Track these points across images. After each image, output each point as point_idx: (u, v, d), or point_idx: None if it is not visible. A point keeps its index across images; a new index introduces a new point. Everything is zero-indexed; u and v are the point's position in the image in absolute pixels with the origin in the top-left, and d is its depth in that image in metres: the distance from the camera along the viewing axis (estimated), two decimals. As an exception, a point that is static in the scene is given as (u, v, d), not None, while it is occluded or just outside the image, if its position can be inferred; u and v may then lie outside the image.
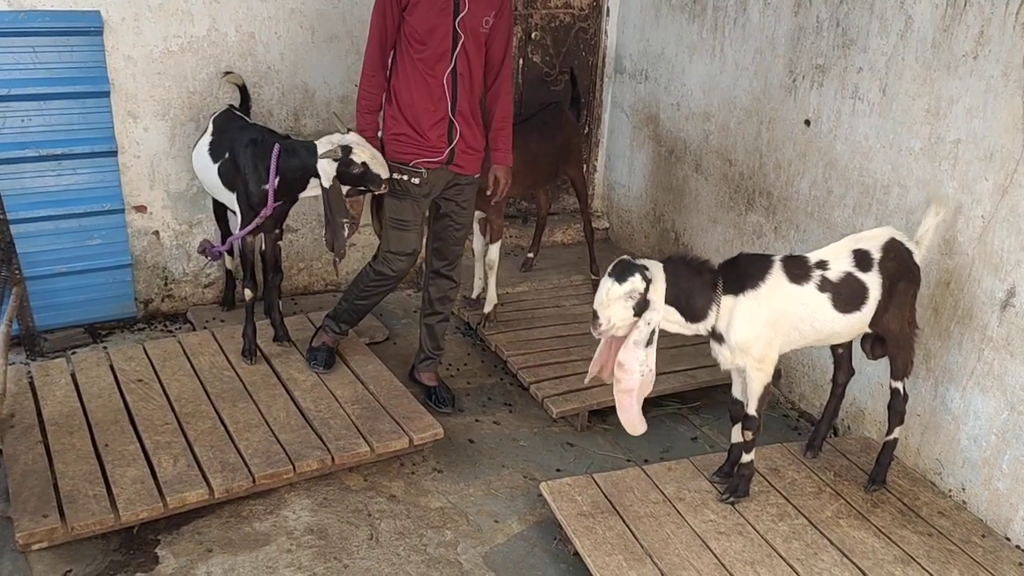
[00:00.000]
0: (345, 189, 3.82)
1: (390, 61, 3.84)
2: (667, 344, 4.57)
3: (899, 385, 3.50)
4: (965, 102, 3.45)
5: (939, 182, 3.59)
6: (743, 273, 3.25)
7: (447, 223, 4.08)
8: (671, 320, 3.22)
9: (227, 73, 4.57)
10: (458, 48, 3.70)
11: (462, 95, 3.79)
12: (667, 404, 4.42)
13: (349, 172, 3.75)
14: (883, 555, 3.26)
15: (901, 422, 3.56)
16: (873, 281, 3.28)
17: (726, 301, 3.21)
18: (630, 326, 3.14)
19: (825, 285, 3.26)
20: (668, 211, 5.39)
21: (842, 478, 3.70)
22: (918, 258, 3.38)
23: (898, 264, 3.31)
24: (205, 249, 4.28)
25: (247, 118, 4.39)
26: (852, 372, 3.74)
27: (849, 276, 3.27)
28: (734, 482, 3.52)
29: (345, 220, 3.81)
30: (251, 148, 3.96)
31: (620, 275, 3.07)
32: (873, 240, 3.33)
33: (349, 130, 3.81)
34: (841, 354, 3.68)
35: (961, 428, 3.60)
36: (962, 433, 3.60)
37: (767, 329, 3.24)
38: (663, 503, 3.48)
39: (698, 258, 3.28)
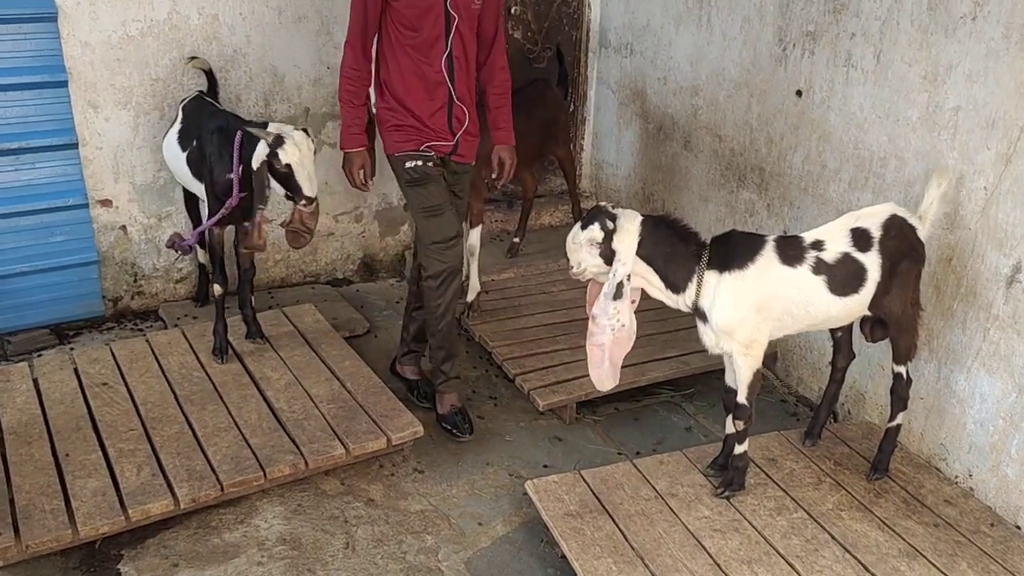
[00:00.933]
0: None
1: (374, 51, 3.60)
2: (659, 329, 4.43)
3: (902, 369, 3.31)
4: (964, 67, 3.25)
5: (939, 153, 3.39)
6: (732, 251, 3.07)
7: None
8: (651, 282, 3.09)
9: (192, 58, 4.36)
10: (452, 31, 3.48)
11: (460, 79, 3.57)
12: (660, 392, 4.25)
13: (274, 167, 3.51)
14: (887, 549, 3.09)
15: (904, 407, 3.38)
16: (872, 262, 3.09)
17: (709, 277, 3.04)
18: (607, 274, 3.03)
19: (820, 267, 3.07)
20: (658, 190, 5.19)
21: (843, 467, 3.52)
22: (922, 234, 3.17)
23: (900, 242, 3.11)
24: (174, 243, 4.08)
25: (217, 104, 4.20)
26: (852, 355, 3.56)
27: (846, 257, 3.08)
28: (728, 475, 3.35)
29: (260, 207, 3.58)
30: (217, 135, 3.76)
31: (586, 221, 3.03)
32: (873, 218, 3.13)
33: (305, 130, 3.60)
34: (840, 337, 3.49)
35: (967, 411, 3.42)
36: (968, 417, 3.42)
37: (754, 313, 3.05)
38: (655, 500, 3.30)
39: (686, 226, 3.11)
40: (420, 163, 3.61)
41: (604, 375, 3.15)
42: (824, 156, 3.92)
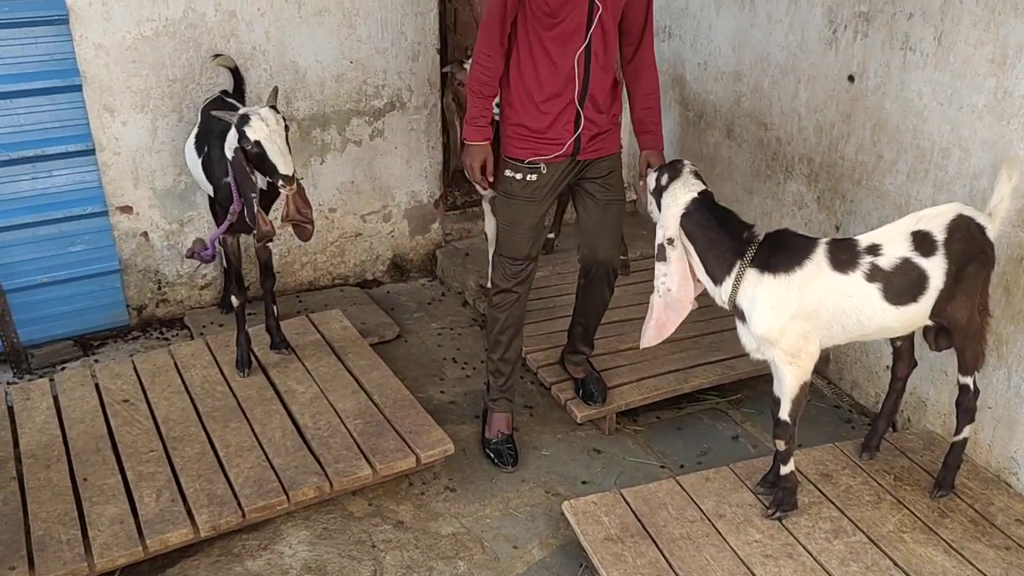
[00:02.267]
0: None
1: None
2: (704, 331, 4.20)
3: (968, 380, 3.05)
4: (1038, 49, 2.97)
5: (1007, 143, 3.11)
6: (779, 251, 2.84)
7: (597, 204, 3.47)
8: (694, 262, 2.96)
9: (216, 56, 4.19)
10: (595, 22, 3.13)
11: (595, 77, 3.23)
12: (705, 398, 4.02)
13: (245, 148, 3.27)
14: (955, 576, 2.86)
15: (971, 420, 3.11)
16: (936, 268, 2.82)
17: (750, 275, 2.83)
18: None
19: (875, 274, 2.80)
20: (699, 181, 4.93)
21: (903, 482, 3.28)
22: (991, 234, 2.88)
23: (967, 245, 2.83)
24: (194, 252, 3.94)
25: (239, 105, 4.02)
26: (914, 364, 3.30)
27: (906, 263, 2.81)
28: (778, 495, 3.13)
29: (253, 195, 3.34)
30: (218, 140, 3.58)
31: (660, 168, 3.08)
32: (937, 218, 2.85)
33: (273, 107, 3.38)
34: (901, 345, 3.24)
35: (1040, 423, 3.17)
36: (1041, 428, 3.16)
37: (799, 321, 2.82)
38: (701, 521, 3.09)
39: (736, 216, 2.93)
40: (519, 177, 3.34)
41: (647, 333, 3.10)
42: (880, 146, 3.64)
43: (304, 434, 3.46)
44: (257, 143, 3.25)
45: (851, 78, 3.73)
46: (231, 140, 3.34)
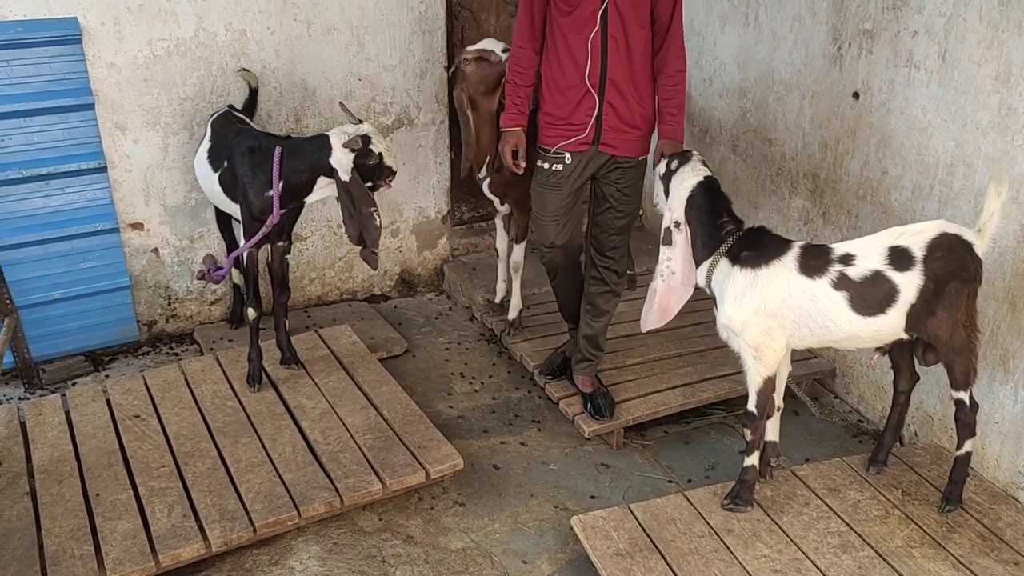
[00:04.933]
0: None
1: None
2: (710, 345, 4.22)
3: (963, 395, 3.06)
4: (1041, 66, 2.99)
5: (1012, 159, 3.14)
6: (752, 247, 3.00)
7: (605, 208, 3.62)
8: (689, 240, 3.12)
9: (243, 70, 4.27)
10: (605, 5, 3.25)
11: (614, 62, 3.34)
12: (712, 413, 4.04)
13: (366, 164, 3.55)
14: (964, 591, 2.87)
15: (972, 434, 3.13)
16: (909, 283, 2.85)
17: (722, 264, 3.02)
18: None
19: (842, 283, 2.88)
20: (705, 196, 4.95)
21: (912, 497, 3.29)
22: (979, 250, 2.90)
23: (948, 263, 2.85)
24: (204, 274, 3.98)
25: (247, 120, 4.07)
26: (916, 377, 3.32)
27: (876, 276, 2.87)
28: (735, 487, 3.21)
29: (373, 209, 3.55)
30: (248, 155, 3.65)
31: (670, 157, 3.22)
32: (918, 236, 2.88)
33: (360, 121, 3.61)
34: (898, 359, 3.27)
35: (1047, 437, 3.18)
36: (1049, 443, 3.17)
37: (763, 317, 2.95)
38: (709, 536, 3.11)
39: (728, 205, 3.11)
40: (546, 166, 3.55)
41: (649, 317, 3.22)
42: (884, 162, 3.67)
43: (314, 449, 3.48)
44: (380, 155, 3.57)
45: (856, 95, 3.76)
46: (345, 163, 3.50)
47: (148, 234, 4.36)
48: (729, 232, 3.03)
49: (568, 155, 3.48)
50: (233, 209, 3.89)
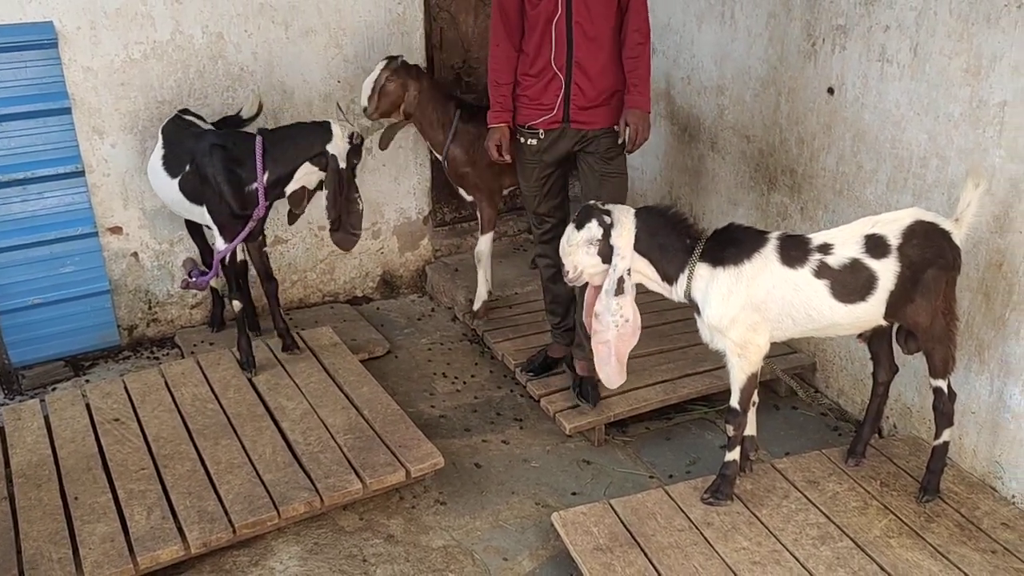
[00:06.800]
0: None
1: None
2: (690, 342, 4.22)
3: (941, 383, 3.09)
4: (1010, 58, 3.01)
5: (984, 151, 3.16)
6: (729, 245, 2.99)
7: (595, 176, 3.69)
8: (646, 275, 3.08)
9: (258, 100, 4.31)
10: None
11: (580, 45, 3.51)
12: (693, 409, 4.05)
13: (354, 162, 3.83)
14: (942, 580, 2.88)
15: (950, 423, 3.16)
16: (887, 270, 2.89)
17: (701, 269, 2.99)
18: (604, 273, 3.05)
19: (823, 271, 2.91)
20: (685, 193, 4.98)
21: (890, 488, 3.31)
22: (958, 239, 2.94)
23: (924, 250, 2.89)
24: (188, 283, 3.99)
25: (199, 121, 4.04)
26: (895, 369, 3.34)
27: (855, 263, 2.90)
28: (716, 481, 3.23)
29: (357, 195, 3.83)
30: (217, 153, 3.67)
31: (580, 221, 3.04)
32: (893, 224, 2.93)
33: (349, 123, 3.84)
34: (877, 349, 3.29)
35: (1023, 427, 3.19)
36: (1024, 432, 3.19)
37: (749, 312, 2.96)
38: (689, 530, 3.11)
39: (679, 215, 3.10)
40: (523, 140, 3.71)
41: (612, 372, 3.17)
42: (860, 156, 3.69)
43: (294, 450, 3.48)
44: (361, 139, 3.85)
45: (830, 90, 3.79)
46: (340, 149, 3.72)
47: (127, 238, 4.36)
48: (695, 238, 3.03)
49: (541, 131, 3.65)
50: (197, 213, 3.89)
